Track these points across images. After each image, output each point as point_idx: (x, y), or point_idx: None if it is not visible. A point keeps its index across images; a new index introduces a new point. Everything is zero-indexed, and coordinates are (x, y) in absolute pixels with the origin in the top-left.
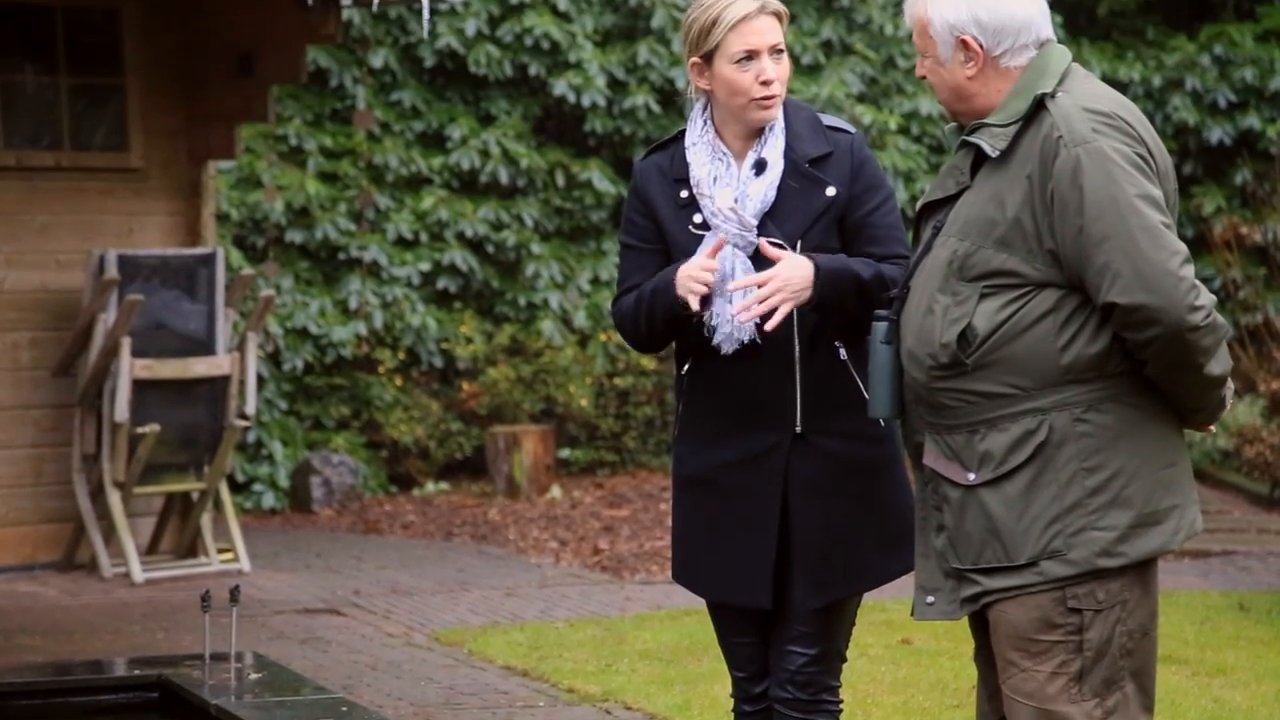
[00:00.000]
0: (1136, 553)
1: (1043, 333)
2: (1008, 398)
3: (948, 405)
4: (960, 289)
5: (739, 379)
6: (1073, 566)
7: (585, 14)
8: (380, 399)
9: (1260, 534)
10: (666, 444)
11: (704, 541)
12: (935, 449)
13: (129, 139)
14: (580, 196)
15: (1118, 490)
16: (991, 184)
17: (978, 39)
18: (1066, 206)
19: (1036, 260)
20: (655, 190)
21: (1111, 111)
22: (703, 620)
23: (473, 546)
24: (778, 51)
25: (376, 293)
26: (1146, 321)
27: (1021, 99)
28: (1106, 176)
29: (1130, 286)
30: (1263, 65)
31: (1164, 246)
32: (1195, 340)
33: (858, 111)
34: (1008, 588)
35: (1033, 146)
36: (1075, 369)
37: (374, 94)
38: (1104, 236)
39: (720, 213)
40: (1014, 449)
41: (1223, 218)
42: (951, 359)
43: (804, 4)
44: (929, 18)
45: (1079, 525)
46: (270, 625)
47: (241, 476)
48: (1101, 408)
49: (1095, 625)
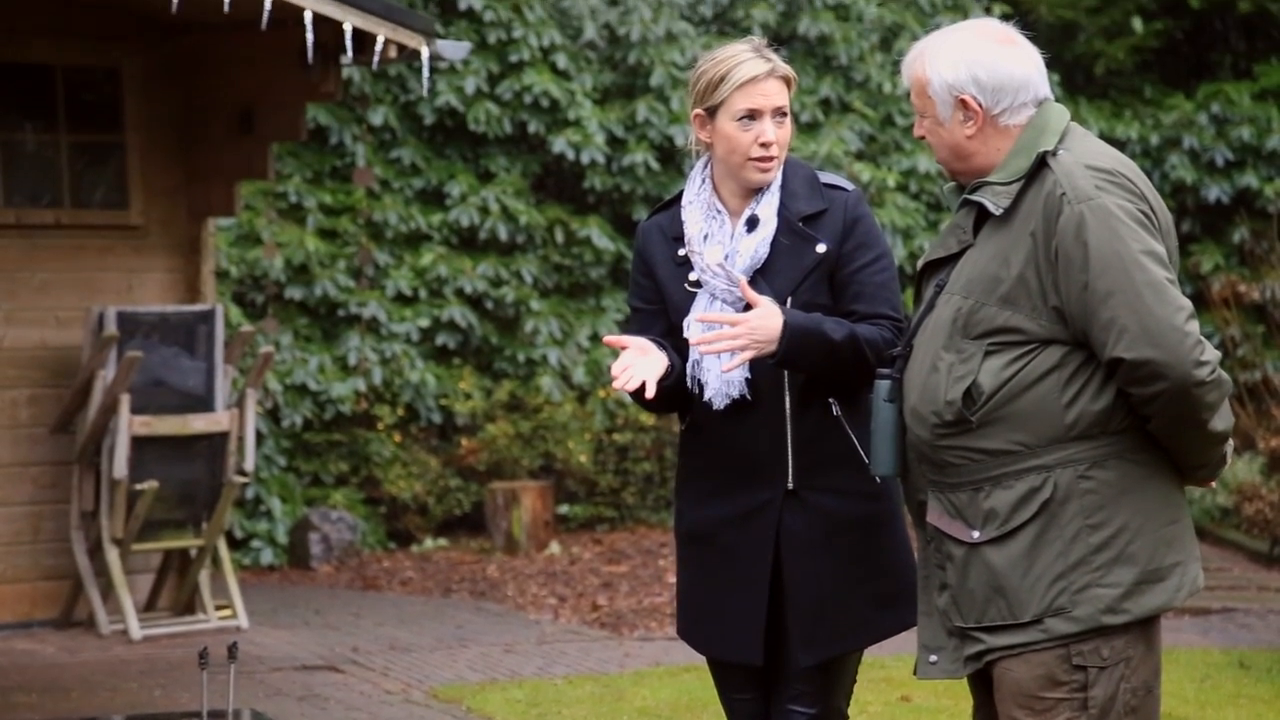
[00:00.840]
0: (1141, 610)
1: (1047, 389)
2: (1012, 455)
3: (951, 463)
4: (965, 346)
5: (732, 435)
6: (1077, 624)
7: (584, 72)
8: (379, 455)
9: (1260, 591)
10: (665, 500)
11: (701, 597)
12: (939, 507)
13: (129, 196)
14: (579, 253)
15: (1122, 547)
16: (995, 242)
17: (977, 98)
18: (1071, 263)
19: (1041, 317)
20: (655, 250)
21: (1113, 169)
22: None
23: (471, 603)
24: (781, 114)
25: (375, 349)
26: (1152, 376)
27: (1023, 157)
28: (1111, 232)
29: (1136, 342)
30: (1260, 124)
31: (1169, 302)
32: (1200, 395)
33: (856, 169)
34: (1012, 645)
35: (1035, 204)
36: (1079, 425)
37: (373, 151)
38: (1109, 292)
39: (709, 269)
40: (1018, 506)
41: (1221, 275)
42: (956, 416)
43: (803, 62)
44: (927, 78)
45: (1083, 582)
46: (268, 682)
47: (240, 533)
48: (1105, 464)
49: (1100, 683)
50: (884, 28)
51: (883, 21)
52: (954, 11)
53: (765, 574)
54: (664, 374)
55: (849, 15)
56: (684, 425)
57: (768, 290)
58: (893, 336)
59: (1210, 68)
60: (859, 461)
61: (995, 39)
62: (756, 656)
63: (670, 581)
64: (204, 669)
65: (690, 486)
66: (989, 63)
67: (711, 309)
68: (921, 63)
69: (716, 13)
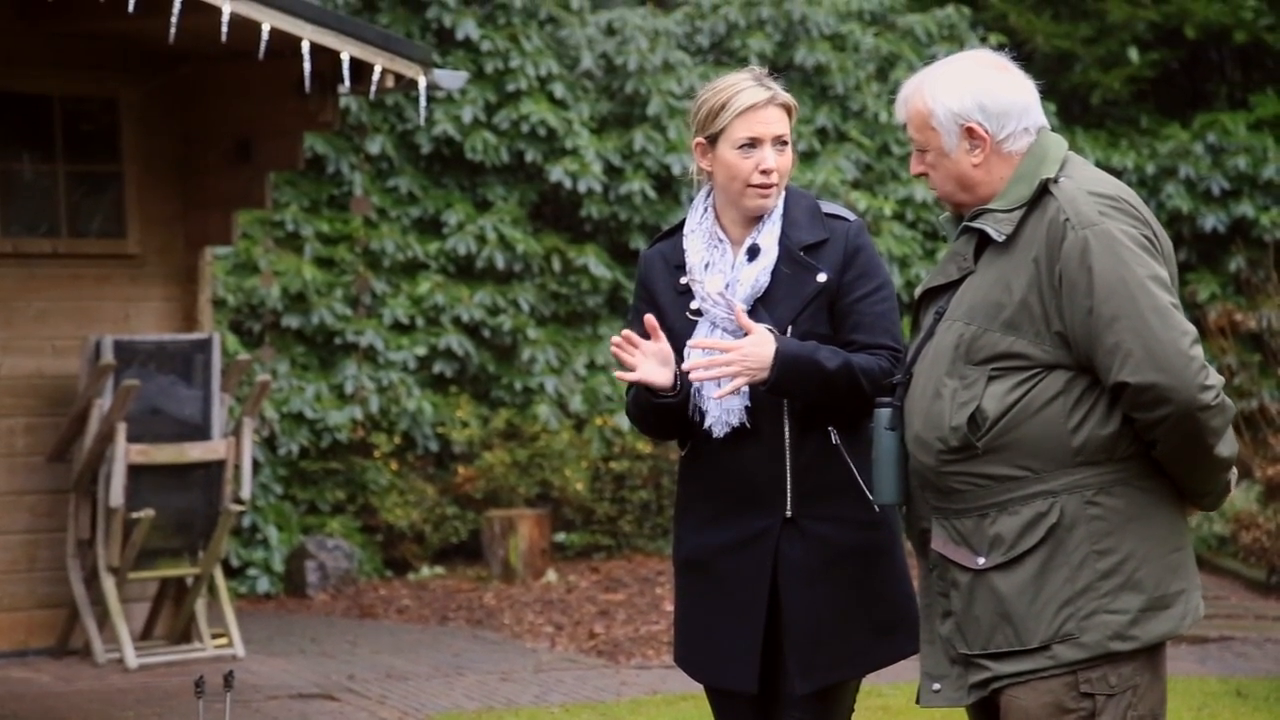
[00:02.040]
0: (1148, 636)
1: (1053, 415)
2: (1018, 480)
3: (957, 489)
4: (968, 372)
5: (731, 462)
6: (1085, 650)
7: (581, 101)
8: (376, 483)
9: (1258, 620)
10: (663, 528)
11: (698, 624)
12: (943, 534)
13: (126, 225)
14: (576, 281)
15: (1129, 573)
16: (997, 268)
17: (983, 125)
18: (1075, 288)
19: (1045, 342)
20: (658, 278)
21: (1116, 195)
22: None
23: (468, 631)
24: (782, 142)
25: (373, 377)
26: (1157, 401)
27: (1024, 184)
28: (1115, 258)
29: (1141, 366)
30: (1256, 154)
31: (1174, 326)
32: (1206, 420)
33: (853, 198)
34: (1019, 672)
35: (1038, 230)
36: (1086, 451)
37: (371, 180)
38: (1114, 317)
39: (709, 298)
40: (1025, 532)
41: (1217, 304)
42: (961, 442)
43: (800, 91)
44: (931, 109)
45: (1091, 608)
46: (264, 711)
47: (236, 561)
48: (1112, 491)
49: (1107, 711)
50: (880, 57)
51: (879, 51)
52: (950, 41)
53: (762, 602)
54: (663, 388)
55: (845, 45)
56: (683, 452)
57: (768, 319)
58: (891, 366)
59: (1206, 98)
60: (858, 490)
61: (994, 67)
62: (751, 684)
63: (667, 610)
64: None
65: (689, 513)
66: (992, 90)
67: (712, 337)
68: (922, 95)
69: (713, 42)
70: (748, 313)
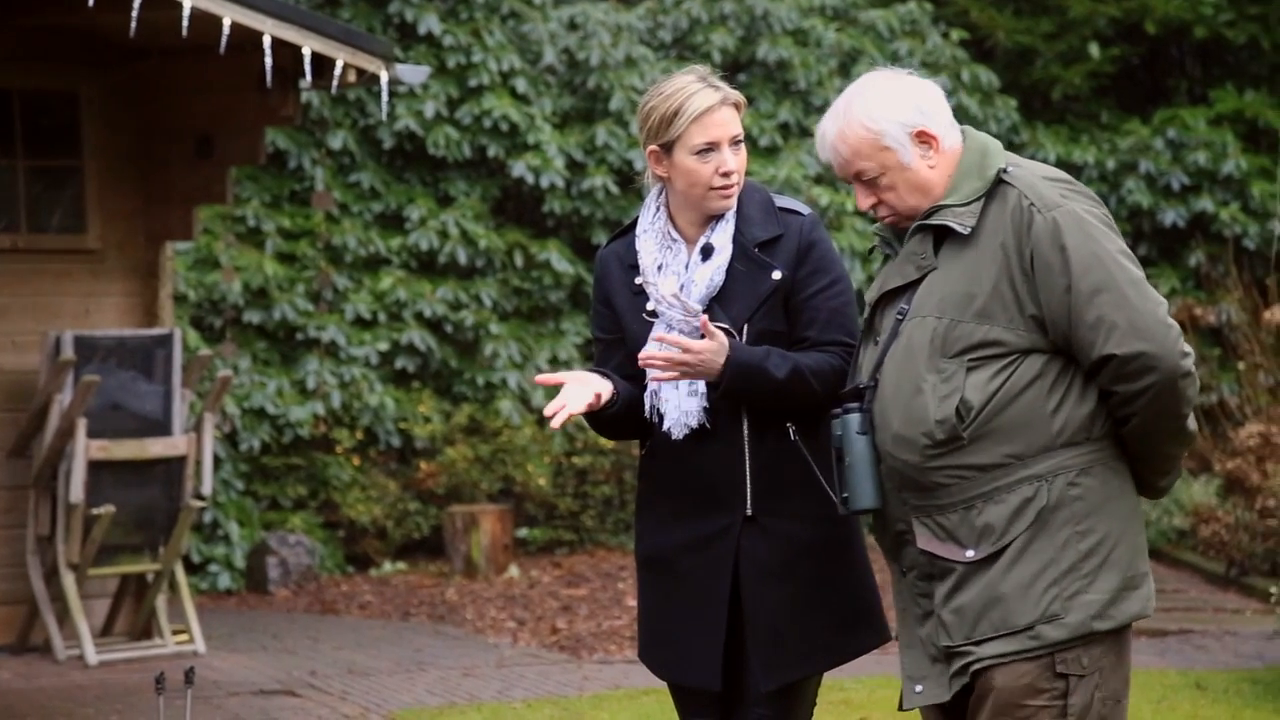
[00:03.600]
0: (1123, 616)
1: (1033, 397)
2: (1003, 468)
3: (942, 484)
4: (945, 366)
5: (690, 462)
6: (1068, 630)
7: (544, 96)
8: (337, 479)
9: (1217, 613)
10: (625, 523)
11: (659, 621)
12: (927, 532)
13: (86, 220)
14: (539, 277)
15: (1106, 553)
16: (963, 260)
17: (929, 126)
18: (1051, 269)
19: (1019, 327)
20: (613, 279)
21: (1068, 179)
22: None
23: (430, 626)
24: (737, 142)
25: (334, 373)
26: (1143, 370)
27: (975, 178)
28: (1086, 235)
29: (1126, 337)
30: (1215, 149)
31: (1150, 297)
32: (1185, 387)
33: (815, 193)
34: (1002, 654)
35: (1001, 218)
36: (1066, 432)
37: (332, 175)
38: (1094, 291)
39: (664, 300)
40: (1014, 518)
41: (1177, 299)
42: (948, 434)
43: (761, 86)
44: (881, 129)
45: (1075, 588)
46: (225, 707)
47: (197, 557)
48: (1091, 472)
49: (1079, 690)
50: (843, 53)
51: (841, 46)
52: (912, 37)
53: (724, 599)
54: (608, 401)
55: (808, 40)
56: (643, 451)
57: (723, 317)
58: (843, 364)
59: (1166, 93)
60: (817, 486)
61: (901, 76)
62: (715, 681)
63: (629, 605)
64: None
65: (649, 511)
66: (917, 90)
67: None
68: (861, 124)
69: (676, 37)
70: (704, 311)
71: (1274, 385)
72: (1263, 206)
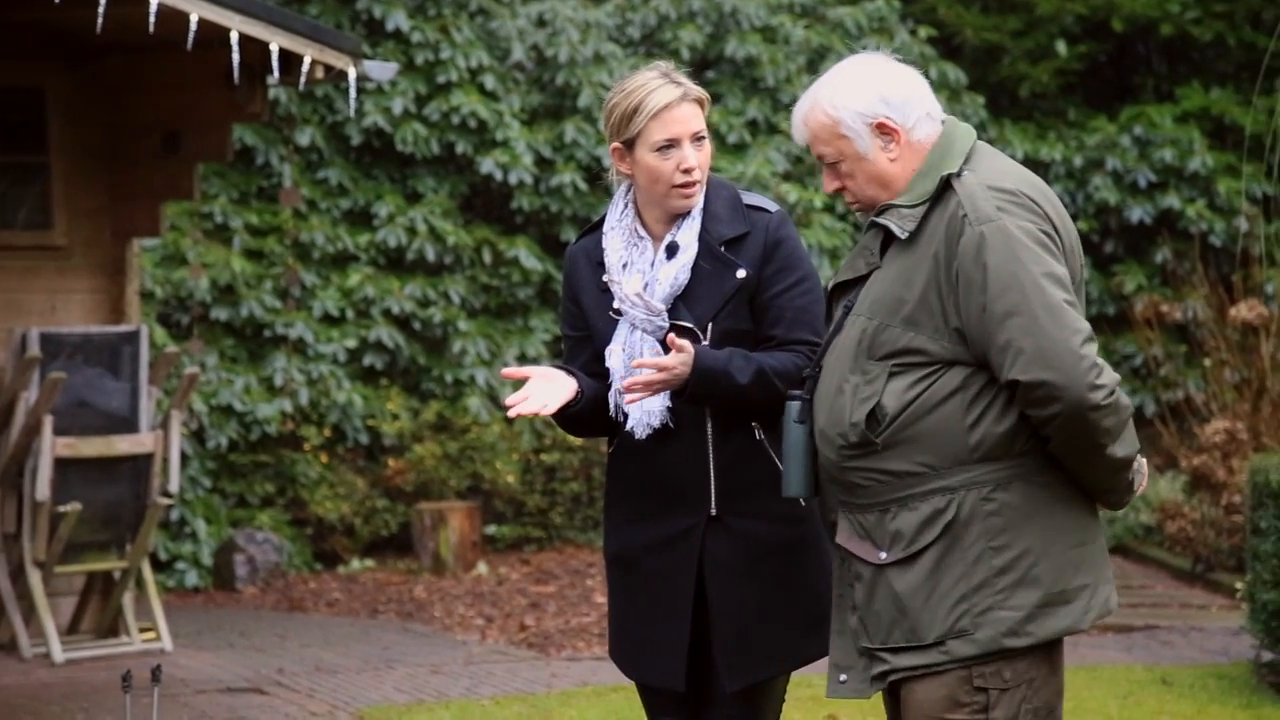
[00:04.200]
0: (1044, 632)
1: (951, 411)
2: (917, 476)
3: (859, 484)
4: (870, 368)
5: (655, 461)
6: (978, 646)
7: (512, 93)
8: (305, 476)
9: (1182, 609)
10: (593, 520)
11: (626, 621)
12: (848, 528)
13: (53, 217)
14: (507, 274)
15: (1025, 570)
16: (899, 263)
17: (891, 118)
18: (971, 284)
19: (943, 338)
20: (581, 276)
21: (1016, 189)
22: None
23: (398, 624)
24: (699, 139)
25: (302, 370)
26: (1047, 399)
27: (928, 179)
28: (1010, 254)
29: (1031, 364)
30: (1182, 146)
31: (1066, 325)
32: (1097, 420)
33: (783, 190)
34: (915, 666)
35: (939, 226)
36: (983, 448)
37: (300, 172)
38: (1007, 314)
39: (627, 299)
40: (923, 528)
41: (1144, 296)
42: (861, 438)
43: (730, 83)
44: (837, 117)
45: (986, 605)
46: (193, 705)
47: (164, 555)
48: (1009, 487)
49: (1001, 704)
50: (810, 50)
51: (809, 44)
52: (880, 34)
53: (688, 600)
54: (571, 399)
55: (776, 38)
56: (610, 449)
57: (688, 316)
58: (807, 363)
59: (1133, 90)
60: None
61: (880, 62)
62: (679, 682)
63: (598, 602)
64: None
65: (616, 510)
66: (888, 81)
67: (632, 338)
68: (821, 107)
69: (644, 34)
70: (669, 310)
71: (1240, 382)
72: (1229, 203)
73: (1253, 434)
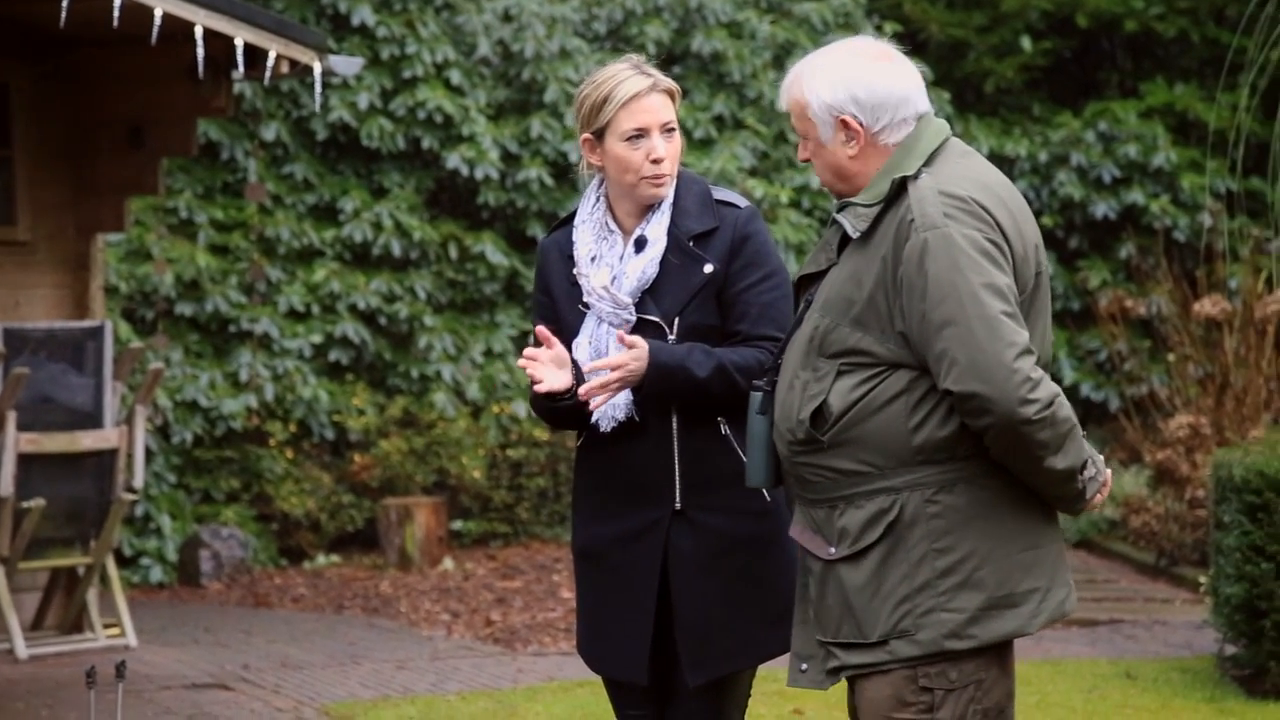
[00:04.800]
0: (988, 635)
1: (895, 413)
2: (863, 475)
3: (809, 480)
4: (820, 365)
5: (621, 455)
6: (919, 647)
7: (478, 88)
8: (271, 471)
9: (1147, 603)
10: (560, 515)
11: (592, 614)
12: (802, 521)
13: (16, 212)
14: (473, 269)
15: (969, 573)
16: (853, 263)
17: (857, 118)
18: (913, 290)
19: (889, 341)
20: (553, 269)
21: (968, 196)
22: (596, 692)
23: (364, 619)
24: (669, 129)
25: (267, 365)
26: (979, 411)
27: (886, 179)
28: (951, 263)
29: (964, 375)
30: (1146, 142)
31: (1000, 337)
32: (1029, 433)
33: (749, 185)
34: (862, 664)
35: (889, 228)
36: (926, 450)
37: (265, 167)
38: (944, 323)
39: (594, 292)
40: (868, 527)
41: (1108, 291)
42: (808, 435)
43: (696, 79)
44: (806, 100)
45: (928, 606)
46: (157, 701)
47: (129, 550)
48: (953, 489)
49: (947, 704)
50: (776, 45)
51: (775, 39)
52: (846, 29)
53: (652, 593)
54: (563, 391)
55: (742, 33)
56: (578, 443)
57: (656, 311)
58: (770, 359)
59: (1098, 86)
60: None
61: (871, 56)
62: (641, 676)
63: (564, 597)
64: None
65: (583, 504)
66: (867, 81)
67: (599, 332)
68: (799, 86)
69: (610, 29)
70: (636, 304)
71: (1203, 377)
72: (1192, 199)
73: (1216, 429)
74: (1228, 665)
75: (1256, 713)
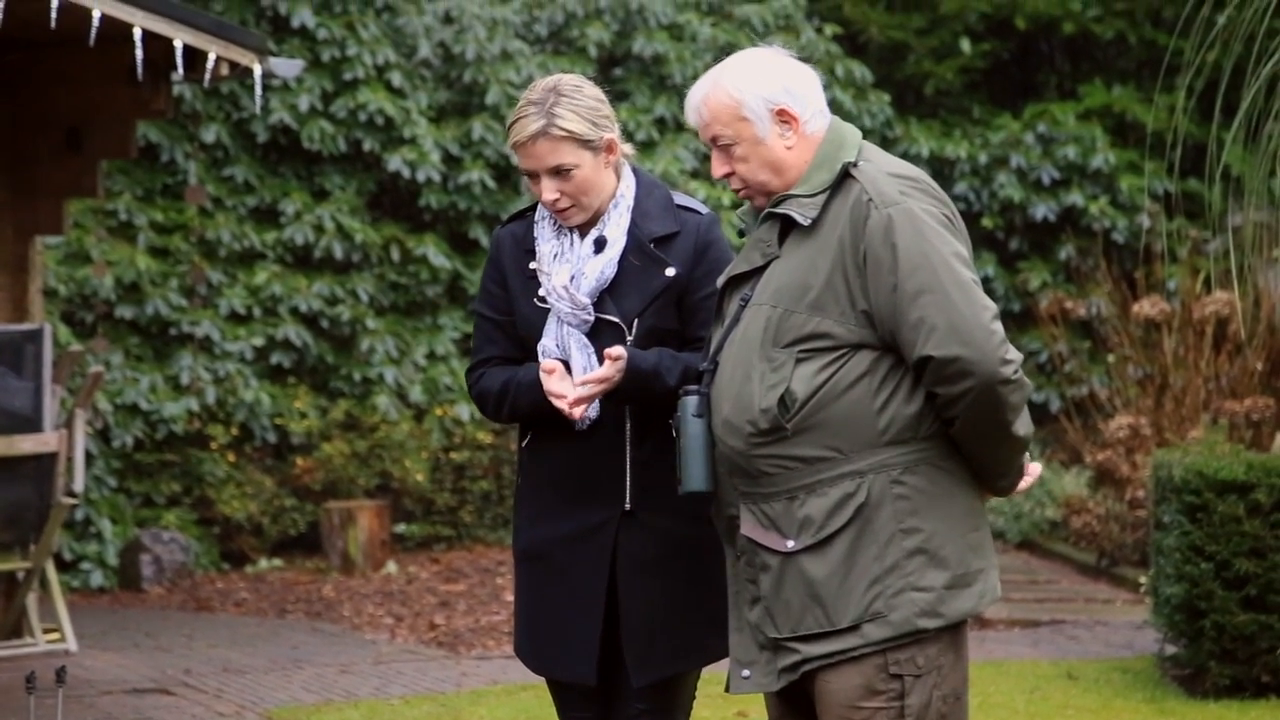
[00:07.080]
0: (953, 613)
1: (860, 394)
2: (827, 461)
3: (766, 473)
4: (776, 355)
5: (573, 455)
6: (893, 628)
7: (419, 90)
8: (212, 475)
9: (1088, 603)
10: (503, 518)
11: (537, 616)
12: (752, 519)
13: None
14: (415, 271)
15: (934, 551)
16: (802, 251)
17: (791, 106)
18: (880, 265)
19: (850, 322)
20: (509, 260)
21: (915, 176)
22: (540, 695)
23: (307, 624)
24: (560, 172)
25: (209, 368)
26: (960, 374)
27: (825, 170)
28: (918, 234)
29: (945, 339)
30: (1084, 143)
31: (975, 301)
32: (1005, 394)
33: (692, 187)
34: (829, 653)
35: (841, 212)
36: (892, 430)
37: (206, 169)
38: (919, 291)
39: (554, 291)
40: (834, 513)
41: (1048, 292)
42: (771, 424)
43: (638, 81)
44: (740, 99)
45: (899, 586)
46: (98, 706)
47: (69, 555)
48: (917, 470)
49: (915, 691)
50: (717, 47)
51: (716, 42)
52: (786, 32)
53: (600, 594)
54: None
55: (683, 35)
56: (524, 443)
57: (615, 311)
58: None
59: (1036, 88)
60: None
61: (778, 55)
62: (590, 677)
63: (508, 600)
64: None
65: (528, 504)
66: (788, 71)
67: (560, 332)
68: (725, 89)
69: (552, 31)
70: (595, 304)
71: (1143, 378)
72: (1131, 200)
73: (1156, 429)
74: (1168, 665)
75: (1196, 712)
